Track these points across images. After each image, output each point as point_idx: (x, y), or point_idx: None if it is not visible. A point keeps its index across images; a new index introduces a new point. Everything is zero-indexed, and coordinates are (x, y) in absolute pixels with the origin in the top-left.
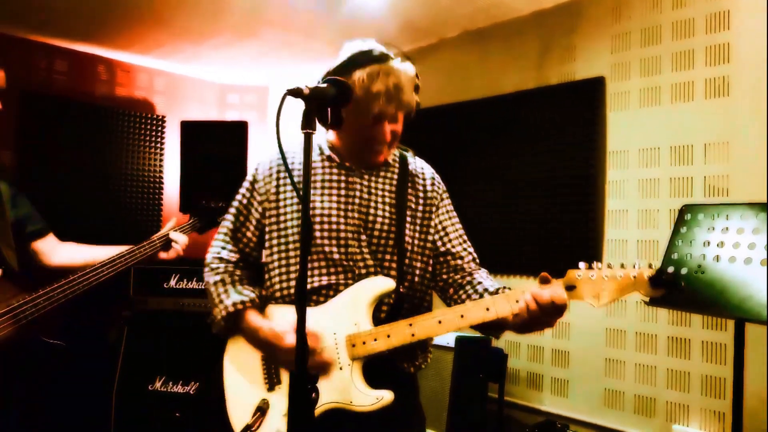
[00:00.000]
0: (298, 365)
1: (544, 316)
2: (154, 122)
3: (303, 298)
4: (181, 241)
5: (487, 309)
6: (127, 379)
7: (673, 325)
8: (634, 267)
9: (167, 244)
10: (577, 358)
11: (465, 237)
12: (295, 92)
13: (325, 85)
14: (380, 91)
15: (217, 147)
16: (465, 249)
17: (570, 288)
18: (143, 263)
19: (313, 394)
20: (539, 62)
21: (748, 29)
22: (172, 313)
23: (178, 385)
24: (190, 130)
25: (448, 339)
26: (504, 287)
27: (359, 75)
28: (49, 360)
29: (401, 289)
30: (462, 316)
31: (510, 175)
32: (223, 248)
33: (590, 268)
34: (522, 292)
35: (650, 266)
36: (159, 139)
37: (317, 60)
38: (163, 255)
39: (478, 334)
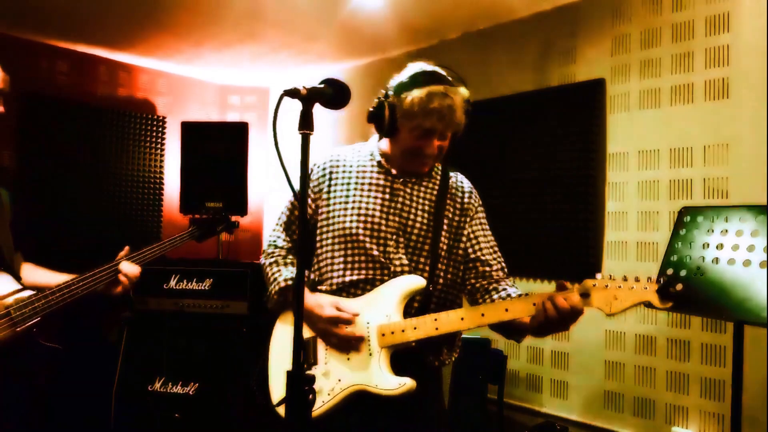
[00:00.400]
0: (295, 365)
1: (561, 320)
2: (155, 123)
3: (300, 296)
4: (131, 273)
5: (506, 310)
6: (127, 379)
7: (673, 327)
8: (648, 280)
9: (115, 275)
10: (577, 360)
11: (496, 248)
12: (293, 93)
13: (322, 85)
14: (435, 110)
15: (217, 148)
16: (495, 258)
17: (584, 295)
18: (92, 294)
19: (310, 396)
20: (539, 64)
21: (747, 31)
22: (171, 313)
23: (177, 386)
24: (191, 131)
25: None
26: (527, 293)
27: (419, 93)
28: (47, 363)
29: (431, 288)
30: (482, 315)
31: (509, 176)
32: (278, 237)
33: (604, 278)
34: (540, 296)
35: (660, 281)
36: (160, 140)
37: (318, 62)
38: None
39: (478, 336)
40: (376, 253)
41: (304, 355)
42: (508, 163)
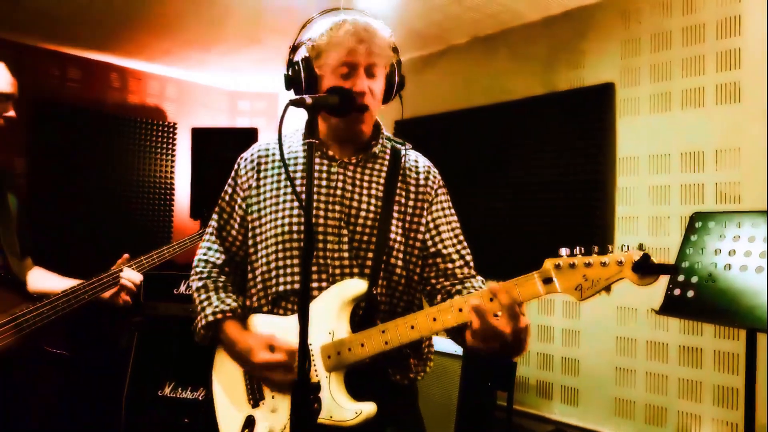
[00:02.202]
0: (300, 374)
1: (501, 323)
2: (166, 129)
3: (306, 303)
4: (133, 278)
5: (460, 309)
6: (137, 384)
7: (685, 333)
8: (622, 250)
9: (117, 283)
10: (588, 367)
11: (461, 238)
12: (298, 102)
13: (327, 94)
14: (348, 32)
15: (227, 153)
16: (457, 251)
17: (547, 281)
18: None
19: (315, 405)
20: (548, 68)
21: (759, 34)
22: (181, 319)
23: (187, 391)
24: (201, 136)
25: (456, 347)
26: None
27: (326, 26)
28: (53, 369)
29: (374, 291)
30: (434, 319)
31: (518, 182)
32: (209, 249)
33: (572, 254)
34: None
35: (640, 247)
36: (170, 146)
37: None
38: (107, 294)
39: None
40: (313, 253)
41: (249, 391)
42: (515, 168)
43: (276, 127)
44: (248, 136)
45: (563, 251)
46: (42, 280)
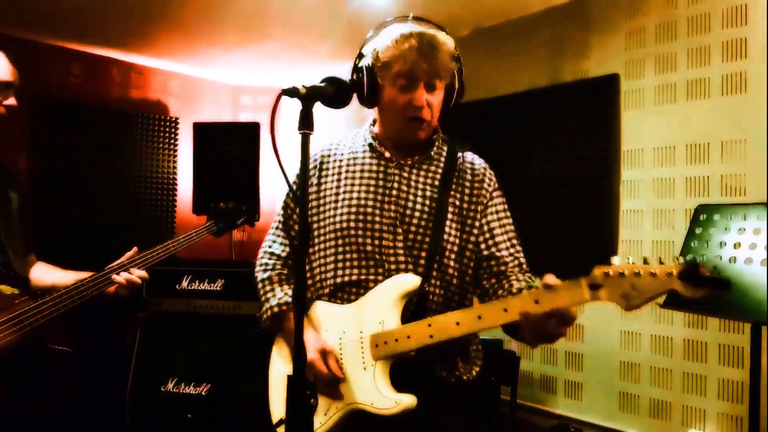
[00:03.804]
0: (295, 369)
1: (551, 326)
2: (168, 124)
3: (302, 304)
4: (129, 278)
5: (505, 310)
6: (141, 380)
7: (689, 327)
8: (675, 261)
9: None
10: (592, 361)
11: (514, 241)
12: (291, 92)
13: (323, 84)
14: (413, 47)
15: (229, 148)
16: (511, 254)
17: (595, 287)
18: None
19: (312, 400)
20: (552, 60)
21: (765, 24)
22: (184, 314)
23: (190, 387)
24: (203, 131)
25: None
26: (529, 287)
27: (392, 37)
28: (56, 366)
29: (427, 287)
30: (479, 317)
31: (521, 174)
32: (274, 242)
33: (619, 264)
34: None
35: (693, 261)
36: (172, 141)
37: (328, 61)
38: (112, 288)
39: (490, 336)
40: (369, 249)
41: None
42: (519, 160)
43: (282, 121)
44: (251, 131)
45: (615, 260)
46: (45, 275)
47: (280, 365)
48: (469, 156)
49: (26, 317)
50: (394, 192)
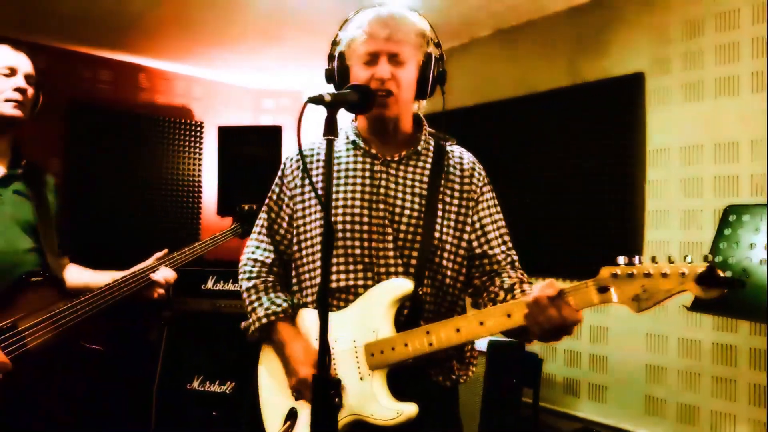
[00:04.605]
0: (319, 369)
1: (555, 330)
2: (193, 128)
3: (325, 302)
4: (164, 278)
5: (508, 316)
6: (167, 378)
7: (719, 330)
8: (685, 261)
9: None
10: (616, 364)
11: (506, 238)
12: (317, 100)
13: (347, 91)
14: (372, 20)
15: (252, 151)
16: (503, 251)
17: (603, 290)
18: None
19: (336, 399)
20: (573, 59)
21: None
22: (209, 314)
23: (215, 385)
24: (227, 135)
25: (479, 344)
26: (523, 282)
27: (355, 21)
28: (89, 364)
29: (420, 291)
30: (481, 323)
31: (544, 175)
32: (257, 248)
33: (630, 264)
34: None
35: (705, 259)
36: (197, 145)
37: None
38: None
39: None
40: (358, 251)
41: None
42: (542, 161)
43: (303, 123)
44: (273, 133)
45: (621, 260)
46: (79, 276)
47: (271, 380)
48: (457, 150)
49: (62, 317)
50: (382, 191)
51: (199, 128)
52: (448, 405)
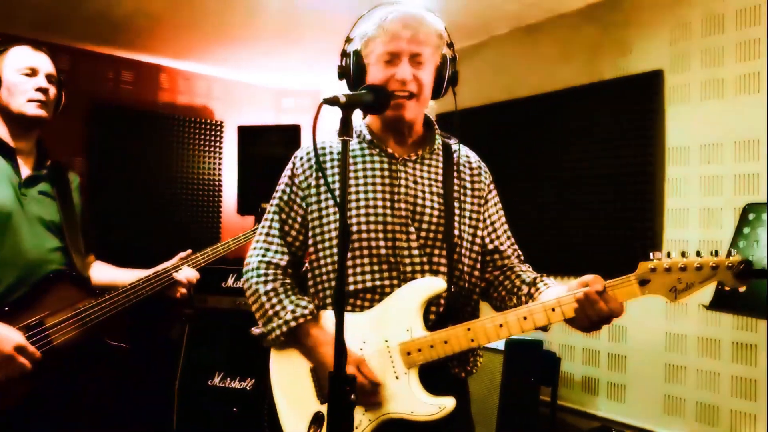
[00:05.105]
0: (335, 365)
1: (602, 321)
2: (213, 128)
3: (341, 302)
4: (186, 278)
5: (553, 309)
6: (189, 375)
7: (739, 329)
8: (713, 255)
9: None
10: (635, 363)
11: (509, 233)
12: (332, 101)
13: (363, 91)
14: (394, 19)
15: (272, 150)
16: (510, 247)
17: (643, 282)
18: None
19: (352, 396)
20: (592, 56)
21: None
22: (229, 311)
23: (235, 381)
24: (247, 134)
25: (497, 342)
26: (542, 275)
27: (375, 17)
28: (113, 361)
29: (453, 289)
30: (525, 318)
31: (563, 173)
32: (268, 249)
33: (663, 258)
34: (583, 290)
35: (730, 253)
36: (218, 144)
37: None
38: (177, 294)
39: (529, 337)
40: (384, 251)
41: (317, 387)
42: (560, 160)
43: (322, 122)
44: (292, 133)
45: (656, 255)
46: (104, 274)
47: (291, 385)
48: (463, 149)
49: (87, 314)
50: (403, 189)
51: (219, 128)
52: (463, 396)
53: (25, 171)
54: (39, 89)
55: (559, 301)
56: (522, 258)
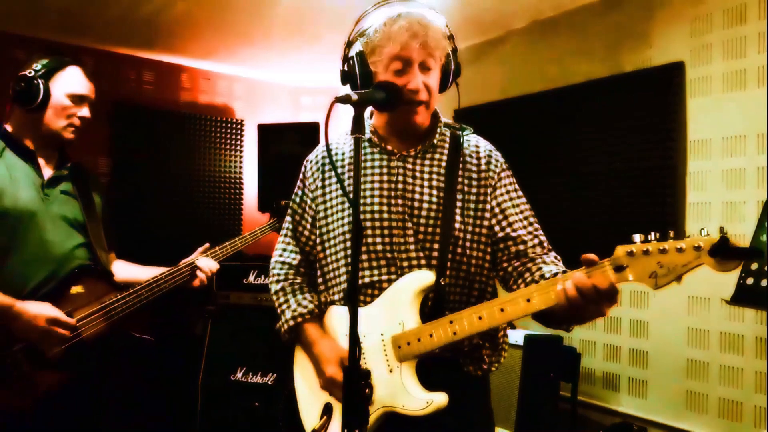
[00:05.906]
0: (350, 359)
1: (590, 304)
2: (234, 126)
3: (355, 296)
4: (208, 267)
5: (528, 300)
6: (211, 369)
7: (762, 324)
8: (700, 234)
9: (194, 271)
10: (657, 358)
11: (531, 219)
12: (344, 99)
13: (373, 90)
14: (403, 28)
15: (291, 147)
16: (529, 232)
17: (619, 269)
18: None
19: (367, 390)
20: (612, 49)
21: None
22: (251, 307)
23: (257, 376)
24: (267, 132)
25: (516, 337)
26: (565, 271)
27: (379, 21)
28: (139, 354)
29: (442, 282)
30: (502, 310)
31: (583, 167)
32: (284, 250)
33: (646, 241)
34: (562, 278)
35: (720, 231)
36: (238, 143)
37: None
38: (196, 283)
39: (549, 333)
40: (380, 247)
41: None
42: (580, 154)
43: (339, 120)
44: (311, 130)
45: (636, 237)
46: (126, 270)
47: (305, 377)
48: (474, 139)
49: (113, 308)
50: (400, 186)
51: (239, 126)
52: (479, 395)
53: (48, 172)
54: (82, 119)
55: (533, 290)
56: (546, 246)
